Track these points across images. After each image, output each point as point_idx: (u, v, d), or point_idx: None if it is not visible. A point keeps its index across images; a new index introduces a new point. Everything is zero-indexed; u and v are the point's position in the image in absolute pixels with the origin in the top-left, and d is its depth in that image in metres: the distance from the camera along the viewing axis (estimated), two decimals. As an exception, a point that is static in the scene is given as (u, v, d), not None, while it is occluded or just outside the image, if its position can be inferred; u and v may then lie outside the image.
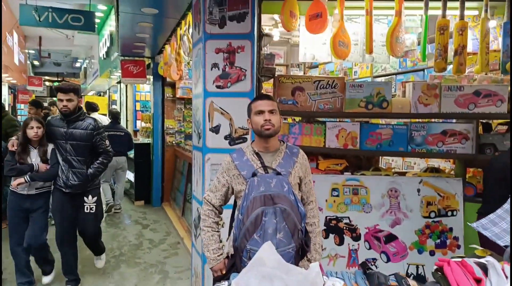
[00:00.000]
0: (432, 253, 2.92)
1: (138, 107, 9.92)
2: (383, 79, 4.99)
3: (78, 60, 17.02)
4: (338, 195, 2.98)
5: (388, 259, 2.91)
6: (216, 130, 2.97)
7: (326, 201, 2.97)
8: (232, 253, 1.92)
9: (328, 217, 2.97)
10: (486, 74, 3.28)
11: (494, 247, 1.44)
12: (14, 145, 3.26)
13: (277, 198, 1.76)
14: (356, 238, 2.96)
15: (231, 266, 1.89)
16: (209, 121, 2.97)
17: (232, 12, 2.89)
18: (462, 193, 2.93)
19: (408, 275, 2.89)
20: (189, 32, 3.94)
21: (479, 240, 2.07)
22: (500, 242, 1.31)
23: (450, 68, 3.03)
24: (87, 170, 3.40)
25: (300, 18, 2.89)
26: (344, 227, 2.97)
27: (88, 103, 6.91)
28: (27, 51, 14.08)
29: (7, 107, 11.09)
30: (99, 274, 3.92)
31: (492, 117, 3.06)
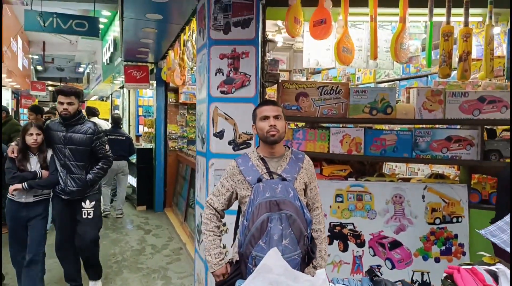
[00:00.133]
0: (437, 260, 2.90)
1: (141, 112, 9.94)
2: (386, 85, 4.99)
3: (81, 65, 17.13)
4: (342, 201, 2.97)
5: (393, 266, 2.89)
6: (220, 135, 2.97)
7: (330, 207, 2.96)
8: (237, 259, 1.91)
9: (332, 223, 2.96)
10: (491, 80, 3.28)
11: (503, 255, 1.42)
12: (14, 152, 3.12)
13: (282, 204, 1.75)
14: (361, 244, 2.94)
15: (236, 273, 1.88)
16: (213, 126, 2.98)
17: (236, 18, 2.90)
18: (467, 200, 2.92)
19: (413, 282, 2.87)
20: (193, 38, 3.95)
21: (493, 249, 2.03)
22: (508, 249, 1.30)
23: (454, 74, 3.03)
24: (86, 175, 3.30)
25: (304, 24, 2.90)
26: (348, 233, 2.95)
27: (88, 107, 6.86)
28: (30, 56, 14.20)
29: (10, 112, 11.12)
30: (101, 280, 3.89)
31: (497, 123, 3.05)
